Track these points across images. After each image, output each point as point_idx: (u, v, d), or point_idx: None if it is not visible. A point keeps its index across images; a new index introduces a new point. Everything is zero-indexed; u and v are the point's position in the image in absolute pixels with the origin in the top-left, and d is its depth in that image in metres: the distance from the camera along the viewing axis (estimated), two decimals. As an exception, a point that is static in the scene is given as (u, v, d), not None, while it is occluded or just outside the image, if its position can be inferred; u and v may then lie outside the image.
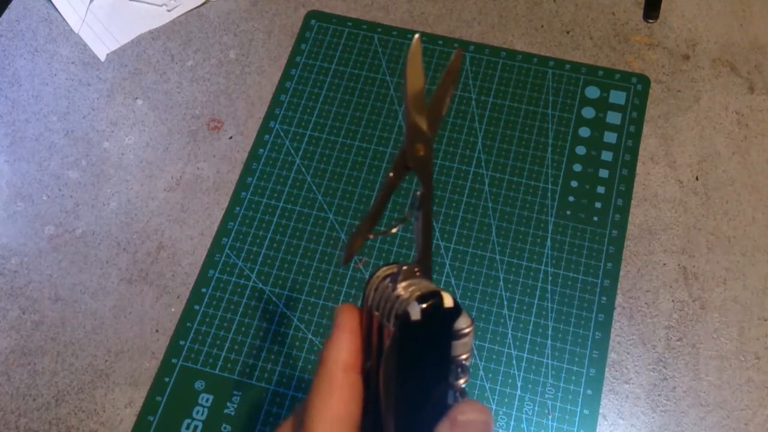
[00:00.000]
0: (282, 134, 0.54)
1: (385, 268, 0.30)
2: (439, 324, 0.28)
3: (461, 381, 0.29)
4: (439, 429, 0.28)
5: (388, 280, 0.29)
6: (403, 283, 0.28)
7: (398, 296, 0.28)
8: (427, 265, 0.30)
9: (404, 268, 0.29)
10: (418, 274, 0.29)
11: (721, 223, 0.50)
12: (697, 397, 0.45)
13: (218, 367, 0.47)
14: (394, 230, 0.32)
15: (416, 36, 0.29)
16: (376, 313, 0.29)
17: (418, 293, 0.27)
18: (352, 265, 0.50)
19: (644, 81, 0.55)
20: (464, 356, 0.29)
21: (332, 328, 0.30)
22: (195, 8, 0.60)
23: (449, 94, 0.31)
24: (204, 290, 0.49)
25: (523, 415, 0.45)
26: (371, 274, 0.30)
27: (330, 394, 0.29)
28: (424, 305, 0.27)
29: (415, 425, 0.29)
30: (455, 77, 0.31)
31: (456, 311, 0.28)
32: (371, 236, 0.30)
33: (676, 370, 0.46)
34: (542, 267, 0.49)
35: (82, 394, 0.47)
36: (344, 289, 0.49)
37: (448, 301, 0.28)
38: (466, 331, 0.28)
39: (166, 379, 0.47)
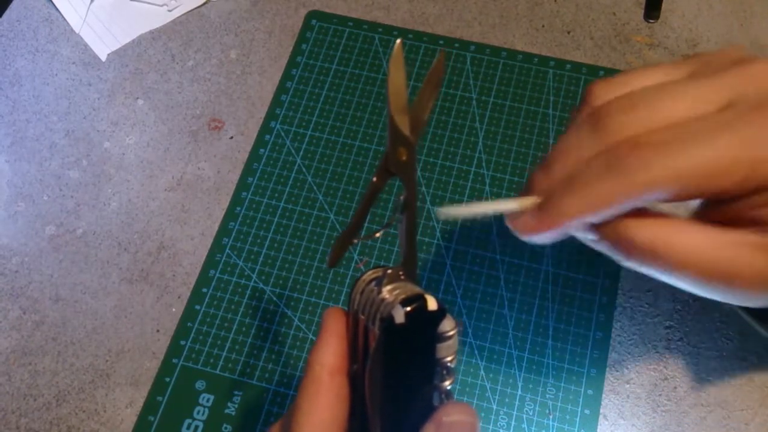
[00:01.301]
0: (283, 134, 0.54)
1: (370, 272, 0.30)
2: (423, 327, 0.28)
3: (446, 383, 0.29)
4: (425, 431, 0.28)
5: (373, 283, 0.29)
6: (388, 287, 0.29)
7: (383, 299, 0.28)
8: (412, 268, 0.30)
9: (389, 271, 0.29)
10: (402, 277, 0.30)
11: (722, 223, 0.50)
12: (698, 397, 0.45)
13: (219, 367, 0.47)
14: (377, 235, 0.32)
15: (398, 40, 0.29)
16: (362, 317, 0.29)
17: (402, 296, 0.28)
18: (352, 265, 0.50)
19: (645, 81, 0.55)
20: (449, 358, 0.29)
21: (319, 331, 0.30)
22: (196, 8, 0.60)
23: (433, 98, 0.30)
24: (205, 290, 0.49)
25: (524, 415, 0.45)
26: (357, 277, 0.30)
27: (316, 397, 0.29)
28: (409, 308, 0.27)
29: (401, 427, 0.29)
30: (439, 80, 0.30)
31: (440, 314, 0.28)
32: (355, 240, 0.31)
33: (677, 370, 0.46)
34: (543, 267, 0.49)
35: (83, 394, 0.47)
36: (345, 289, 0.49)
37: (432, 304, 0.28)
38: (451, 333, 0.28)
39: (167, 379, 0.47)
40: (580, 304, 0.47)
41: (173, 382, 0.47)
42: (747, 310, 0.37)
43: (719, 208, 0.28)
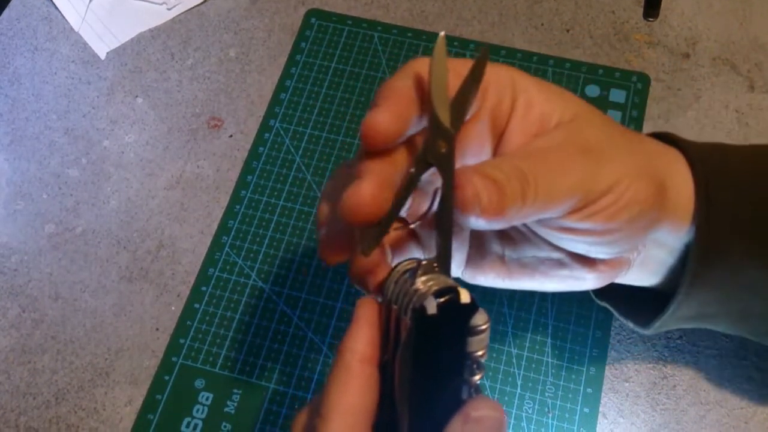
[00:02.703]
0: (282, 132, 0.54)
1: (405, 263, 0.30)
2: (455, 319, 0.28)
3: (476, 377, 0.29)
4: (452, 424, 0.28)
5: (407, 274, 0.30)
6: (422, 278, 0.29)
7: (416, 290, 0.28)
8: (446, 261, 0.30)
9: (423, 263, 0.29)
10: (437, 269, 0.30)
11: (721, 222, 0.50)
12: (697, 396, 0.45)
13: (218, 365, 0.47)
14: (412, 226, 0.32)
15: (441, 33, 0.30)
16: (395, 307, 0.29)
17: (435, 288, 0.28)
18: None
19: (644, 79, 0.55)
20: (480, 352, 0.29)
21: (351, 320, 0.30)
22: (195, 6, 0.60)
23: (475, 93, 0.31)
24: (204, 288, 0.49)
25: (523, 414, 0.45)
26: (392, 268, 0.30)
27: (346, 384, 0.29)
28: (441, 300, 0.27)
29: (429, 419, 0.29)
30: (480, 75, 0.31)
31: (473, 307, 0.28)
32: (391, 231, 0.31)
33: (676, 369, 0.46)
34: (542, 265, 0.49)
35: (82, 392, 0.47)
36: (344, 288, 0.49)
37: (465, 297, 0.28)
38: (483, 327, 0.28)
39: (166, 378, 0.47)
40: (579, 302, 0.47)
41: (172, 381, 0.47)
42: (617, 308, 0.41)
43: None
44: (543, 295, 0.48)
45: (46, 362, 0.48)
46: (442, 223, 0.30)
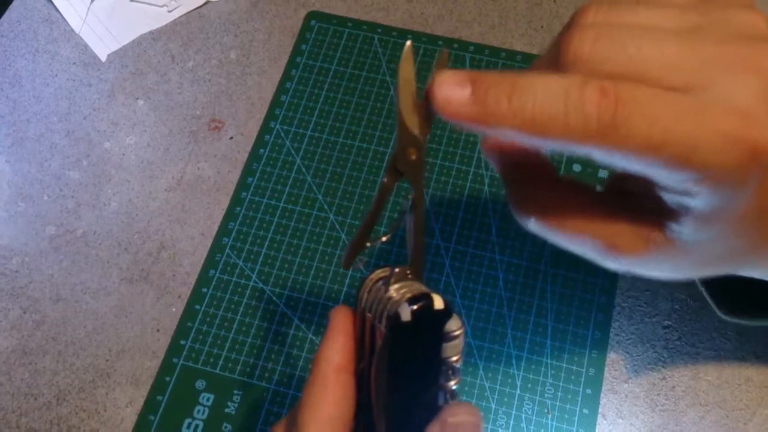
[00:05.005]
0: (282, 134, 0.55)
1: (379, 271, 0.30)
2: (429, 326, 0.28)
3: (452, 383, 0.29)
4: (430, 430, 0.28)
5: (380, 282, 0.30)
6: (395, 285, 0.29)
7: (390, 298, 0.28)
8: (419, 268, 0.30)
9: (396, 270, 0.29)
10: (410, 276, 0.30)
11: (720, 223, 0.50)
12: (696, 397, 0.45)
13: (219, 366, 0.47)
14: (384, 239, 0.32)
15: (408, 41, 0.29)
16: (369, 315, 0.29)
17: (409, 295, 0.28)
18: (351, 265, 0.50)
19: (643, 81, 0.55)
20: (455, 358, 0.29)
21: (326, 329, 0.30)
22: (195, 9, 0.60)
23: None
24: (205, 290, 0.50)
25: (523, 414, 0.45)
26: (365, 276, 0.30)
27: (322, 394, 0.29)
28: (415, 307, 0.27)
29: (405, 426, 0.29)
30: None
31: (446, 313, 0.28)
32: (369, 244, 0.31)
33: (675, 370, 0.46)
34: (542, 267, 0.49)
35: (83, 393, 0.47)
36: (344, 289, 0.49)
37: (438, 303, 0.28)
38: (457, 333, 0.29)
39: (167, 379, 0.47)
40: (578, 303, 0.48)
41: (173, 382, 0.47)
42: (706, 286, 0.39)
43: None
44: (542, 296, 0.48)
45: (47, 363, 0.48)
46: (414, 230, 0.30)
